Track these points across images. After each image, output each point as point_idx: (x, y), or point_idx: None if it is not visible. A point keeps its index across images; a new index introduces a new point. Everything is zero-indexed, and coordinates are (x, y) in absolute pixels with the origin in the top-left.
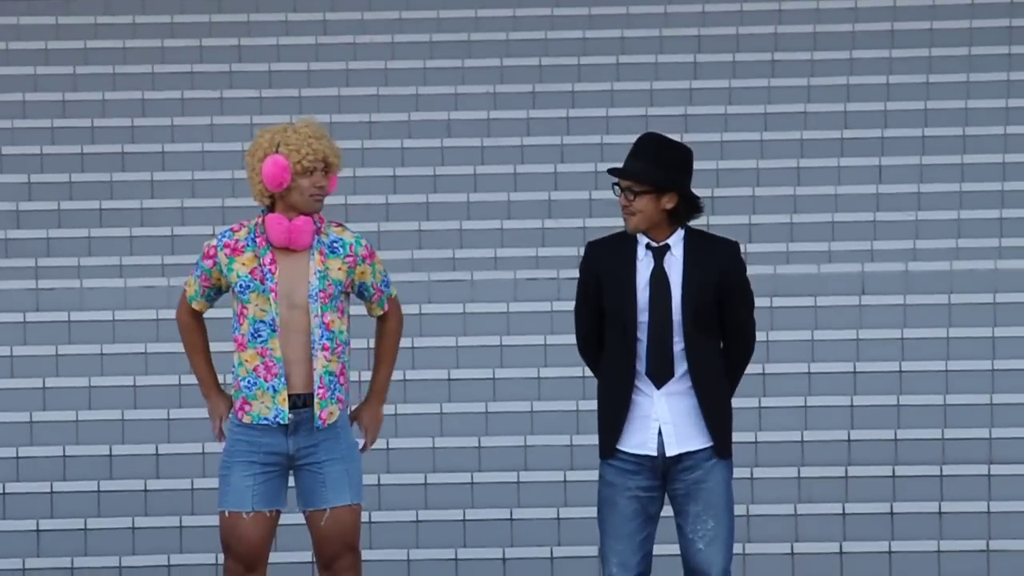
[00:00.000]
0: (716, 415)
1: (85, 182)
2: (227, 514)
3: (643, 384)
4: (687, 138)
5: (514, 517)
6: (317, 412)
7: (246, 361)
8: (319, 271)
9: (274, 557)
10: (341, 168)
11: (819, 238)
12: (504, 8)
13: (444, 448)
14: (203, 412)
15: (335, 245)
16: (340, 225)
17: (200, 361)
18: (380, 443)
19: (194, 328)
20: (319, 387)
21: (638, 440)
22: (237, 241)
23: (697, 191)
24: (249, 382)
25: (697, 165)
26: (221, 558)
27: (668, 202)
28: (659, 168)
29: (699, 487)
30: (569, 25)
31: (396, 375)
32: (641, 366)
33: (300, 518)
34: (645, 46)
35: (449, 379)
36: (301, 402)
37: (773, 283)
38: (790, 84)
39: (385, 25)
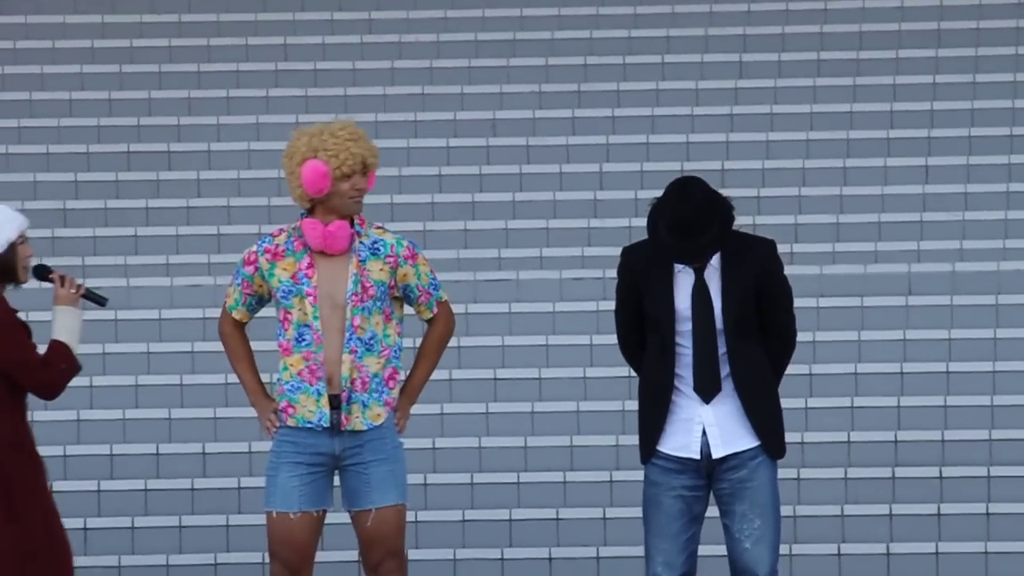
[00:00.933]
0: (762, 415)
1: (131, 181)
2: (274, 514)
3: (685, 387)
4: (732, 137)
5: (560, 517)
6: (342, 415)
7: (291, 365)
8: (355, 274)
9: (320, 556)
10: (379, 165)
11: (865, 238)
12: (549, 7)
13: (490, 448)
14: (250, 411)
15: (376, 246)
16: (381, 227)
17: (244, 369)
18: (426, 442)
19: (236, 338)
20: (343, 389)
21: (681, 442)
22: (277, 246)
23: (742, 191)
24: (293, 386)
25: (743, 164)
26: (267, 557)
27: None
28: (722, 233)
29: (745, 486)
30: (613, 24)
31: (442, 374)
32: (684, 372)
33: (346, 517)
34: (690, 45)
35: (495, 379)
36: (336, 403)
37: (819, 283)
38: (835, 84)
39: (430, 24)
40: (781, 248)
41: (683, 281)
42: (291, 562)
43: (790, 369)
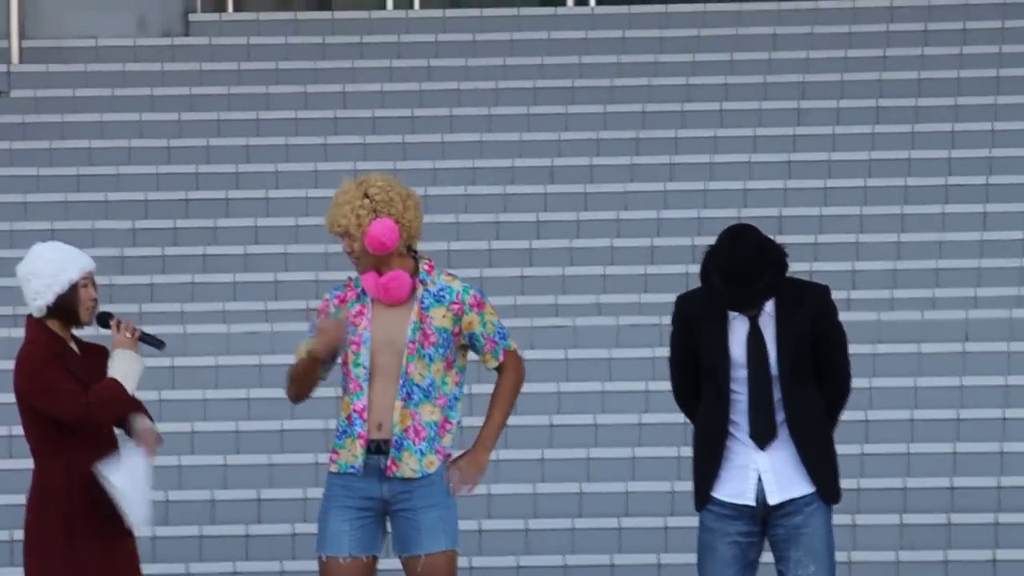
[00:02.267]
0: (817, 461)
1: (189, 228)
2: (324, 559)
3: (740, 434)
4: (790, 184)
5: (615, 563)
6: (389, 460)
7: (341, 411)
8: (415, 321)
9: None
10: (357, 228)
11: (923, 285)
12: (608, 55)
13: (545, 494)
14: (304, 457)
15: (441, 293)
16: (451, 275)
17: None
18: (481, 489)
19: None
20: (392, 437)
21: (736, 489)
22: (346, 292)
23: (800, 237)
24: (340, 431)
25: (800, 211)
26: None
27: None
28: (775, 280)
29: (800, 532)
30: (672, 71)
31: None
32: (739, 418)
33: (395, 563)
34: (748, 92)
35: (551, 425)
36: (387, 448)
37: (877, 330)
38: (894, 130)
39: (489, 72)
40: (838, 295)
41: (738, 328)
42: None
43: (846, 415)
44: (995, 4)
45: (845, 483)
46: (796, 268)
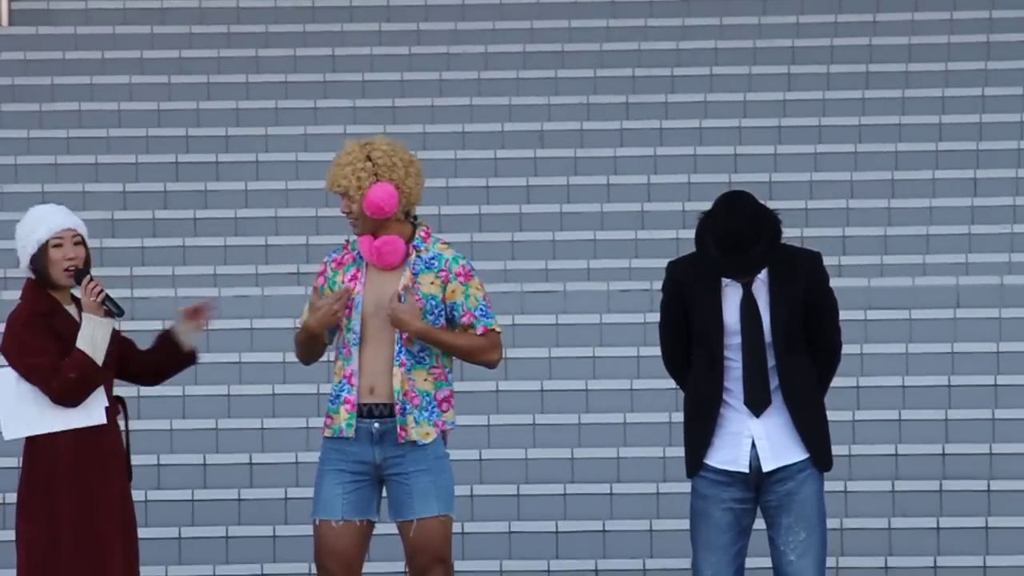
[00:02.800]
0: (810, 428)
1: (179, 192)
2: (318, 522)
3: (733, 401)
4: (780, 150)
5: (607, 529)
6: (396, 427)
7: (335, 373)
8: (404, 286)
9: (368, 567)
10: (357, 189)
11: (913, 251)
12: (597, 19)
13: (536, 459)
14: (296, 421)
15: (432, 261)
16: (446, 243)
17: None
18: (473, 454)
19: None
20: (396, 402)
21: (730, 456)
22: (343, 255)
23: (790, 203)
24: (334, 394)
25: (791, 177)
26: (314, 568)
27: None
28: (770, 247)
29: (792, 499)
30: (662, 36)
31: (488, 386)
32: (733, 385)
33: (394, 528)
34: (738, 57)
35: (542, 390)
36: (388, 411)
37: (867, 296)
38: (884, 96)
39: (478, 36)
40: (829, 261)
41: (731, 295)
42: (336, 564)
43: (837, 381)
44: None
45: (837, 450)
46: (787, 234)
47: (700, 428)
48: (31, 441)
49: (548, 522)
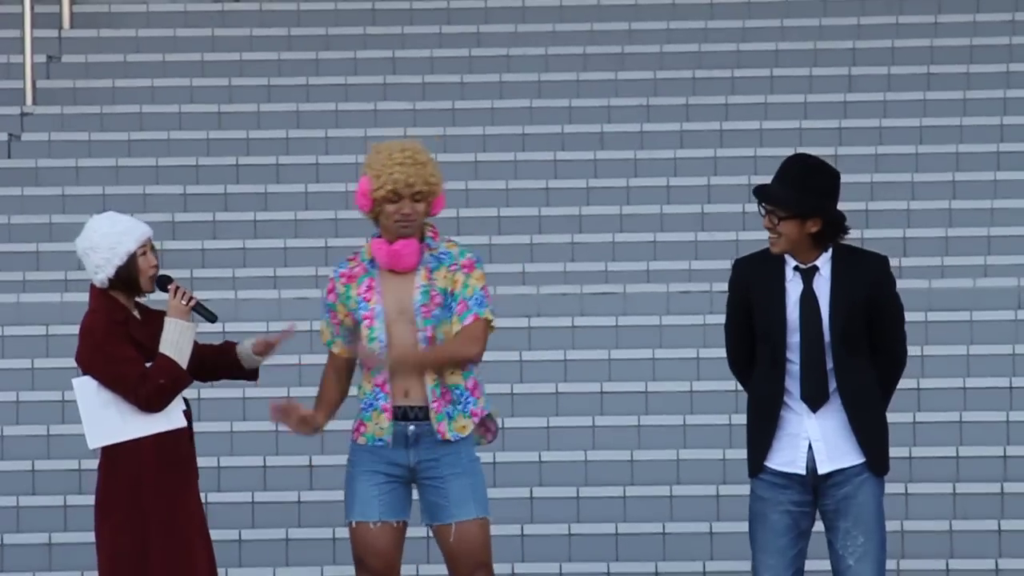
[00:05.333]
0: (868, 431)
1: (240, 194)
2: (355, 524)
3: (792, 402)
4: (841, 151)
5: (667, 531)
6: (435, 425)
7: (364, 381)
8: (423, 286)
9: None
10: (439, 192)
11: (974, 252)
12: (658, 21)
13: (596, 461)
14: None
15: (442, 256)
16: (452, 242)
17: (320, 404)
18: (532, 456)
19: (330, 381)
20: (433, 400)
21: (787, 458)
22: (352, 268)
23: (851, 204)
24: (367, 403)
25: (851, 178)
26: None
27: (812, 226)
28: (803, 195)
29: (849, 503)
30: (723, 38)
31: (548, 388)
32: (792, 386)
33: (424, 531)
34: (799, 59)
35: (601, 392)
36: (423, 415)
37: (928, 297)
38: (945, 97)
39: (538, 38)
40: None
41: (792, 292)
42: (378, 569)
43: (899, 383)
44: None
45: (897, 452)
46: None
47: (761, 429)
48: (112, 448)
49: (608, 524)
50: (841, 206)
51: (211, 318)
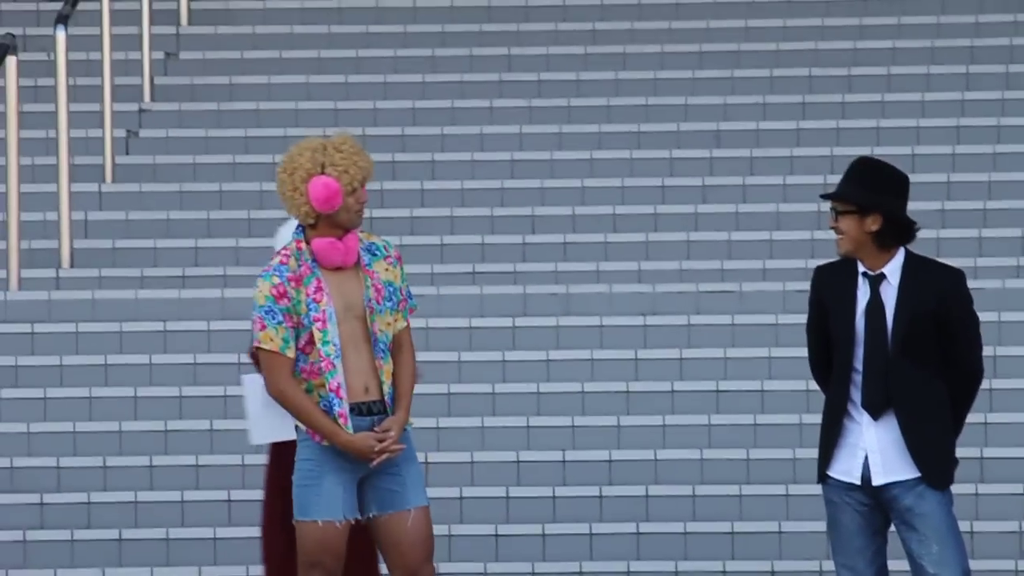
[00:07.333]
0: (924, 445)
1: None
2: (320, 523)
3: (855, 411)
4: (917, 150)
5: (735, 531)
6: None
7: (316, 388)
8: (366, 279)
9: None
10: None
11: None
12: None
13: (666, 460)
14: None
15: (372, 249)
16: (365, 232)
17: (319, 417)
18: (603, 455)
19: (302, 391)
20: (386, 395)
21: (844, 467)
22: (293, 272)
23: (927, 205)
24: (323, 407)
25: (926, 178)
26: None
27: (872, 224)
28: (862, 189)
29: (912, 514)
30: (800, 36)
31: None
32: (856, 394)
33: None
34: (876, 58)
35: (671, 391)
36: (382, 408)
37: (1002, 297)
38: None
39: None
40: (964, 262)
41: (862, 300)
42: (333, 569)
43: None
44: None
45: (968, 452)
46: (922, 235)
47: (826, 436)
48: (278, 446)
49: (676, 523)
50: (916, 206)
51: None
